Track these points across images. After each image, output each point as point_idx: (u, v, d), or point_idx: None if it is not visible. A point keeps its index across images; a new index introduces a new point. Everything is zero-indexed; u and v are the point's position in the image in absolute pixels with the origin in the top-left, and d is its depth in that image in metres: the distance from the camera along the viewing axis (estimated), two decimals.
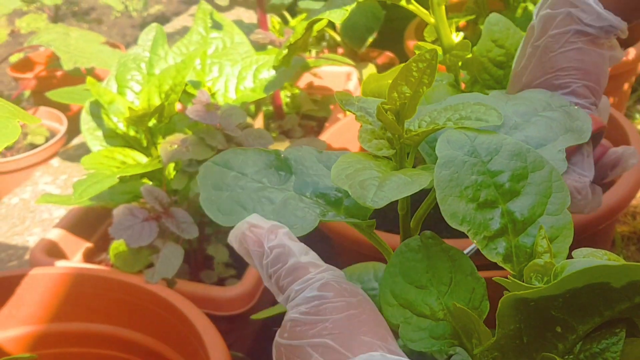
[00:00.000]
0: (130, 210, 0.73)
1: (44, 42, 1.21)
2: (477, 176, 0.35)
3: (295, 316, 0.32)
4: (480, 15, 1.07)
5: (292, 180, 0.40)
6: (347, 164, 0.36)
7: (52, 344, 0.74)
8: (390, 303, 0.37)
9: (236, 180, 0.40)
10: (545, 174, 0.35)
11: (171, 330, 0.68)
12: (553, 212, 0.35)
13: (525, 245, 0.35)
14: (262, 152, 0.41)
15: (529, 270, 0.33)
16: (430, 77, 0.36)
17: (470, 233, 0.34)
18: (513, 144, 0.36)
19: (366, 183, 0.33)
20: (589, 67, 0.49)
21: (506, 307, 0.31)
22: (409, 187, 0.33)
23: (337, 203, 0.40)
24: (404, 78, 0.36)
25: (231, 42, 0.93)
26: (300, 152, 0.42)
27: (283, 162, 0.41)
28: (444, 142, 0.35)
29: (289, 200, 0.39)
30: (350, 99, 0.39)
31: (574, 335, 0.31)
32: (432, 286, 0.37)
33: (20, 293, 0.73)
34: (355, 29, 1.35)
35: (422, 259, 0.37)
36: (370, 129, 0.38)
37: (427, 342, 0.36)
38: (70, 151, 1.37)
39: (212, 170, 0.40)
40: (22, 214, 1.18)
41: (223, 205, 0.38)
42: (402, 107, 0.36)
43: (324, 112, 1.22)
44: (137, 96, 0.84)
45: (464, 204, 0.34)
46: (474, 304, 0.36)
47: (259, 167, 0.41)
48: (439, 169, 0.34)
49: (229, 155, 0.41)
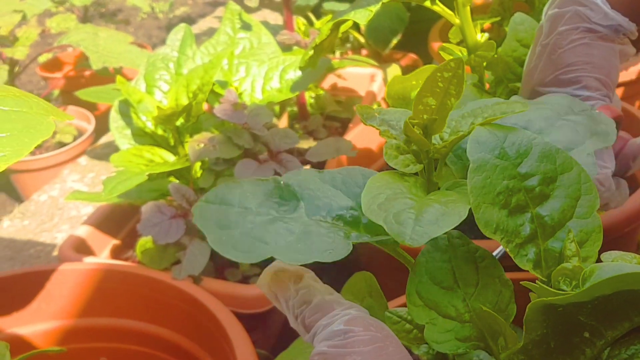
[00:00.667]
0: (158, 207, 0.74)
1: (74, 41, 1.24)
2: (508, 181, 0.34)
3: (324, 349, 0.32)
4: (505, 17, 1.07)
5: (301, 207, 0.38)
6: (376, 190, 0.34)
7: (80, 339, 0.75)
8: (416, 303, 0.36)
9: (242, 215, 0.37)
10: (574, 176, 0.35)
11: (197, 326, 0.69)
12: (582, 215, 0.35)
13: (554, 249, 0.34)
14: (259, 182, 0.39)
15: (557, 274, 0.32)
16: (458, 88, 0.34)
17: (503, 241, 0.33)
18: (543, 144, 0.35)
19: (402, 217, 0.32)
20: (599, 60, 0.49)
21: (534, 313, 0.30)
22: (448, 220, 0.32)
23: (355, 222, 0.38)
24: (430, 89, 0.35)
25: (258, 42, 0.94)
26: (301, 175, 0.40)
27: (285, 189, 0.39)
28: (474, 143, 0.34)
29: (308, 227, 0.36)
30: (371, 113, 0.38)
31: (602, 341, 0.31)
32: (458, 287, 0.36)
33: (50, 288, 0.74)
34: (379, 31, 1.35)
35: (448, 259, 0.37)
36: (395, 144, 0.37)
37: (453, 344, 0.35)
38: (98, 150, 1.39)
39: (210, 210, 0.37)
40: (51, 211, 1.20)
41: (239, 244, 0.35)
42: (430, 121, 0.35)
43: (347, 113, 1.22)
44: (165, 95, 0.86)
45: (496, 210, 0.33)
46: (501, 306, 0.36)
47: (261, 198, 0.38)
48: (472, 174, 0.33)
49: (223, 190, 0.38)
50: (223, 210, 0.37)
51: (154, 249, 0.77)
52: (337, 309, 0.34)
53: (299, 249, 0.34)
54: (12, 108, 0.45)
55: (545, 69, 0.50)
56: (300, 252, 0.34)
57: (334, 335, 0.32)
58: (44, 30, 1.52)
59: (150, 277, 0.72)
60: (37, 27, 1.48)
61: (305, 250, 0.34)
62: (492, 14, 1.09)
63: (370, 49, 1.39)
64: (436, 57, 1.23)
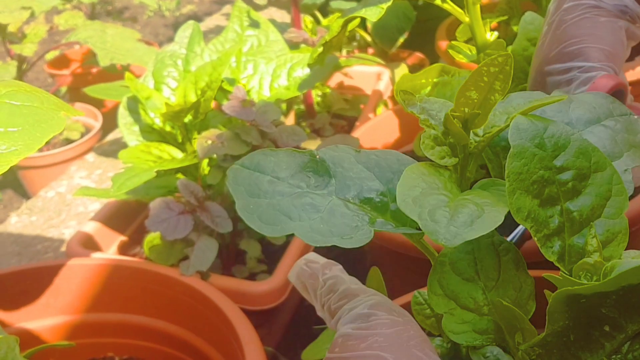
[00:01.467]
0: (166, 203, 0.74)
1: (82, 38, 1.24)
2: (544, 171, 0.34)
3: (348, 331, 0.33)
4: (513, 16, 1.07)
5: (332, 184, 0.38)
6: (412, 182, 0.34)
7: (88, 334, 0.76)
8: (436, 292, 0.36)
9: (272, 185, 0.37)
10: (607, 176, 0.35)
11: (205, 322, 0.69)
12: (610, 216, 0.35)
13: (578, 245, 0.34)
14: (295, 153, 0.39)
15: (578, 269, 0.33)
16: (504, 84, 0.34)
17: (532, 230, 0.33)
18: (580, 140, 0.35)
19: (437, 214, 0.32)
20: (602, 32, 0.48)
21: (557, 303, 0.31)
22: (483, 225, 0.31)
23: (383, 208, 0.37)
24: (474, 83, 0.34)
25: (266, 40, 0.94)
26: (337, 152, 0.39)
27: (319, 163, 0.38)
28: (515, 129, 0.34)
29: (335, 207, 0.36)
30: (412, 99, 0.37)
31: (623, 335, 0.31)
32: (479, 280, 0.36)
33: (58, 283, 0.74)
34: (386, 29, 1.35)
35: (471, 250, 0.37)
36: (434, 135, 0.36)
37: (470, 336, 0.36)
38: (105, 146, 1.39)
39: (243, 175, 0.37)
40: (58, 207, 1.20)
41: (265, 215, 0.35)
42: (471, 115, 0.35)
43: (354, 112, 1.22)
44: (173, 92, 0.86)
45: (529, 199, 0.33)
46: (520, 302, 0.36)
47: (294, 170, 0.38)
48: (511, 159, 0.33)
49: (259, 157, 0.38)
50: (255, 177, 0.37)
51: (161, 245, 0.77)
52: (362, 296, 0.35)
53: (320, 230, 0.34)
54: (24, 103, 0.45)
55: (550, 44, 0.50)
56: (321, 233, 0.34)
57: (357, 318, 0.33)
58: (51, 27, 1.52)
59: (158, 273, 0.72)
60: (45, 24, 1.48)
61: (326, 232, 0.34)
62: (499, 12, 1.09)
63: (376, 47, 1.40)
64: (443, 55, 1.23)
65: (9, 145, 0.41)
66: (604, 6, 0.48)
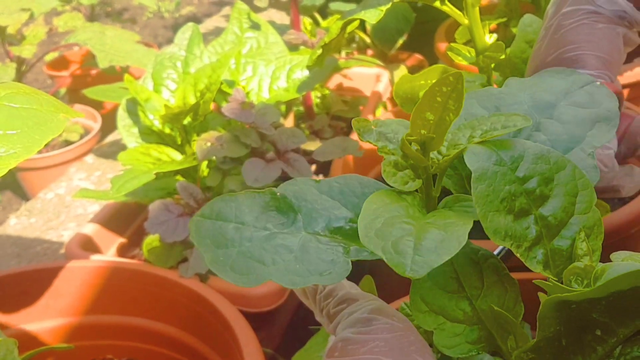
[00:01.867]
0: (165, 205, 0.74)
1: (81, 40, 1.24)
2: (510, 185, 0.34)
3: (348, 335, 0.33)
4: (512, 17, 1.07)
5: (299, 220, 0.36)
6: (373, 214, 0.33)
7: (88, 336, 0.75)
8: (422, 309, 0.36)
9: (239, 232, 0.35)
10: (569, 173, 0.35)
11: (204, 324, 0.69)
12: (582, 211, 0.35)
13: (560, 248, 0.34)
14: (255, 195, 0.37)
15: (568, 274, 0.33)
16: (457, 103, 0.33)
17: (513, 247, 0.33)
18: (534, 147, 0.35)
19: (400, 245, 0.31)
20: (600, 39, 0.48)
21: (548, 309, 0.30)
22: (448, 247, 0.31)
23: (355, 235, 0.36)
24: (428, 104, 0.33)
25: (265, 42, 0.94)
26: (297, 185, 0.38)
27: (281, 200, 0.37)
28: (471, 155, 0.34)
29: (306, 243, 0.35)
30: (368, 127, 0.37)
31: (614, 339, 0.31)
32: (463, 290, 0.36)
33: (57, 285, 0.74)
34: (385, 31, 1.35)
35: (450, 262, 0.36)
36: (393, 161, 0.36)
37: (464, 348, 0.35)
38: (104, 148, 1.39)
39: (206, 226, 0.36)
40: (57, 209, 1.20)
41: (237, 265, 0.34)
42: (428, 138, 0.34)
43: (353, 113, 1.22)
44: (172, 94, 0.86)
45: (503, 217, 0.33)
46: (509, 306, 0.36)
47: (257, 211, 0.36)
48: (475, 183, 0.33)
49: (219, 204, 0.37)
50: (219, 226, 0.36)
51: (160, 247, 0.77)
52: (362, 300, 0.35)
53: (297, 271, 0.33)
54: (23, 105, 0.45)
55: (547, 48, 0.50)
56: (298, 274, 0.33)
57: (357, 322, 0.34)
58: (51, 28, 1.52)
59: (157, 275, 0.72)
60: (45, 25, 1.48)
61: (303, 272, 0.33)
62: (498, 14, 1.09)
63: (376, 49, 1.40)
64: (442, 57, 1.23)
65: (7, 147, 0.41)
66: (603, 12, 0.48)
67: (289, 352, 0.88)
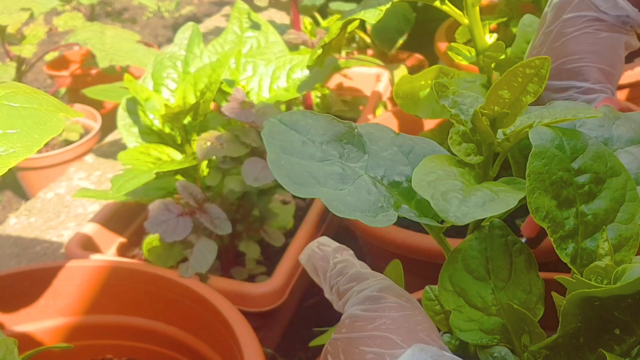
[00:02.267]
0: (165, 205, 0.74)
1: (81, 40, 1.24)
2: (563, 173, 0.34)
3: (356, 312, 0.34)
4: (512, 17, 1.07)
5: (364, 160, 0.38)
6: (430, 169, 0.34)
7: (87, 335, 0.75)
8: (446, 288, 0.36)
9: (306, 146, 0.37)
10: (622, 181, 0.35)
11: (204, 324, 0.69)
12: (623, 221, 0.35)
13: (590, 249, 0.34)
14: (334, 121, 0.38)
15: (588, 272, 0.33)
16: (537, 87, 0.34)
17: (549, 230, 0.34)
18: (597, 144, 0.35)
19: (449, 195, 0.32)
20: (603, 50, 0.47)
21: (571, 305, 0.31)
22: (495, 206, 0.31)
23: (410, 195, 0.37)
24: (507, 82, 0.34)
25: (266, 41, 0.94)
26: (375, 129, 0.39)
27: (356, 137, 0.38)
28: (536, 133, 0.34)
29: (363, 183, 0.36)
30: (447, 91, 0.37)
31: (633, 339, 0.31)
32: (489, 279, 0.36)
33: (57, 285, 0.74)
34: (385, 31, 1.35)
35: (484, 249, 0.37)
36: (462, 130, 0.36)
37: (476, 335, 0.36)
38: (104, 148, 1.39)
39: (279, 129, 0.37)
40: (57, 209, 1.20)
41: (294, 174, 0.35)
42: (500, 114, 0.35)
43: (353, 113, 1.22)
44: (172, 94, 0.86)
45: (548, 199, 0.33)
46: (529, 305, 0.36)
47: (329, 137, 0.38)
48: (533, 158, 0.33)
49: (297, 116, 0.38)
50: (291, 135, 0.37)
51: (160, 247, 0.77)
52: (371, 279, 0.36)
53: (346, 201, 0.34)
54: (22, 105, 0.45)
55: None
56: (346, 204, 0.34)
57: (366, 300, 0.34)
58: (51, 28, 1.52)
59: (157, 275, 0.72)
60: (45, 25, 1.48)
61: (351, 204, 0.34)
62: (498, 14, 1.09)
63: (376, 49, 1.40)
64: (442, 57, 1.23)
65: (7, 147, 0.41)
66: (606, 18, 0.47)
67: (289, 352, 0.88)
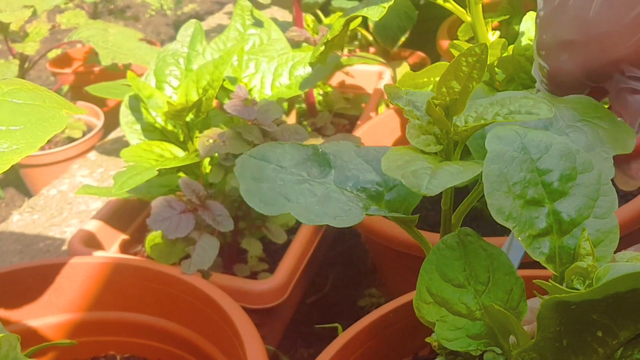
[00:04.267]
0: (168, 202, 0.74)
1: (84, 37, 1.24)
2: (526, 173, 0.35)
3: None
4: (514, 15, 1.07)
5: (331, 174, 0.40)
6: (397, 157, 0.36)
7: (90, 332, 0.76)
8: (426, 300, 0.36)
9: (275, 172, 0.40)
10: (594, 177, 0.35)
11: (207, 321, 0.69)
12: (600, 216, 0.35)
13: (569, 246, 0.34)
14: (300, 146, 0.42)
15: (570, 273, 0.33)
16: (480, 72, 0.36)
17: (515, 230, 0.34)
18: (563, 143, 0.35)
19: (419, 172, 0.33)
20: None
21: (546, 310, 0.31)
22: (462, 175, 0.33)
23: (378, 197, 0.40)
24: (453, 73, 0.36)
25: (268, 38, 0.94)
26: (338, 146, 0.42)
27: (321, 156, 0.41)
28: (494, 138, 0.35)
29: (331, 193, 0.39)
30: (398, 92, 0.39)
31: (616, 341, 0.31)
32: (469, 285, 0.37)
33: (60, 281, 0.75)
34: (387, 29, 1.35)
35: (459, 256, 0.37)
36: (418, 124, 0.38)
37: (464, 342, 0.36)
38: (107, 145, 1.39)
39: (250, 163, 0.41)
40: (60, 206, 1.21)
41: (265, 196, 0.38)
42: (452, 102, 0.36)
43: (355, 110, 1.22)
44: (175, 91, 0.86)
45: (510, 200, 0.34)
46: (512, 304, 0.36)
47: (297, 160, 0.41)
48: (488, 163, 0.34)
49: (266, 148, 0.41)
50: (261, 165, 0.40)
51: (163, 244, 0.77)
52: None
53: (315, 211, 0.37)
54: (26, 101, 0.45)
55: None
56: (316, 213, 0.37)
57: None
58: (53, 26, 1.52)
59: (160, 272, 0.72)
60: (47, 22, 1.49)
61: (320, 212, 0.37)
62: (501, 12, 1.09)
63: (378, 46, 1.39)
64: (444, 54, 1.23)
65: (10, 143, 0.41)
66: None
67: (291, 349, 0.88)
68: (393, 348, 0.59)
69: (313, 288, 0.96)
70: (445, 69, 0.36)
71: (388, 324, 0.57)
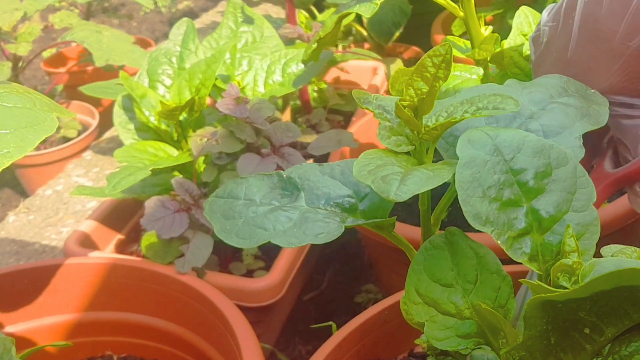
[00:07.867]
0: (161, 202, 0.74)
1: (78, 38, 1.24)
2: (500, 175, 0.34)
3: None
4: (508, 9, 1.07)
5: (302, 197, 0.41)
6: (368, 161, 0.36)
7: (86, 333, 0.76)
8: (415, 301, 0.37)
9: (246, 207, 0.40)
10: (570, 170, 0.35)
11: (202, 320, 0.69)
12: (579, 209, 0.35)
13: (550, 243, 0.34)
14: (264, 177, 0.42)
15: (556, 270, 0.33)
16: (446, 72, 0.36)
17: (494, 234, 0.33)
18: (535, 140, 0.35)
19: (389, 178, 0.34)
20: None
21: (533, 309, 0.31)
22: (431, 181, 0.33)
23: (353, 209, 0.40)
24: (420, 74, 0.36)
25: (261, 36, 0.94)
26: (302, 169, 0.43)
27: (287, 181, 0.42)
28: (465, 142, 0.35)
29: (306, 214, 0.39)
30: (368, 97, 0.40)
31: (603, 338, 0.31)
32: (457, 284, 0.37)
33: (56, 282, 0.74)
34: (382, 24, 1.35)
35: (446, 256, 0.37)
36: (389, 126, 0.38)
37: (453, 341, 0.36)
38: (102, 144, 1.39)
39: (219, 204, 0.41)
40: (56, 206, 1.20)
41: (241, 231, 0.39)
42: (420, 102, 0.36)
43: (350, 107, 1.22)
44: (168, 90, 0.86)
45: (486, 204, 0.34)
46: (500, 302, 0.36)
47: (265, 191, 0.41)
48: (460, 169, 0.34)
49: (231, 186, 0.42)
50: (230, 203, 0.41)
51: (158, 244, 0.77)
52: None
53: (294, 234, 0.37)
54: (16, 105, 0.45)
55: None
56: (296, 236, 0.37)
57: None
58: (47, 25, 1.52)
59: (155, 271, 0.72)
60: (40, 22, 1.48)
61: (300, 234, 0.37)
62: (494, 6, 1.09)
63: (372, 42, 1.39)
64: None
65: (1, 147, 0.41)
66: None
67: (287, 347, 0.88)
68: (388, 345, 0.60)
69: (310, 285, 0.96)
70: (412, 71, 0.36)
71: (383, 321, 0.57)
